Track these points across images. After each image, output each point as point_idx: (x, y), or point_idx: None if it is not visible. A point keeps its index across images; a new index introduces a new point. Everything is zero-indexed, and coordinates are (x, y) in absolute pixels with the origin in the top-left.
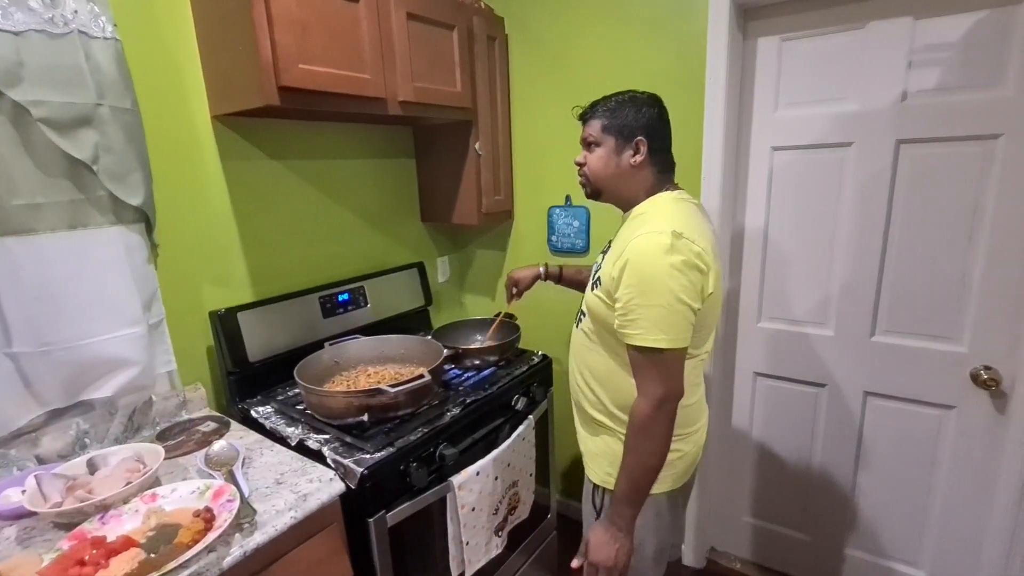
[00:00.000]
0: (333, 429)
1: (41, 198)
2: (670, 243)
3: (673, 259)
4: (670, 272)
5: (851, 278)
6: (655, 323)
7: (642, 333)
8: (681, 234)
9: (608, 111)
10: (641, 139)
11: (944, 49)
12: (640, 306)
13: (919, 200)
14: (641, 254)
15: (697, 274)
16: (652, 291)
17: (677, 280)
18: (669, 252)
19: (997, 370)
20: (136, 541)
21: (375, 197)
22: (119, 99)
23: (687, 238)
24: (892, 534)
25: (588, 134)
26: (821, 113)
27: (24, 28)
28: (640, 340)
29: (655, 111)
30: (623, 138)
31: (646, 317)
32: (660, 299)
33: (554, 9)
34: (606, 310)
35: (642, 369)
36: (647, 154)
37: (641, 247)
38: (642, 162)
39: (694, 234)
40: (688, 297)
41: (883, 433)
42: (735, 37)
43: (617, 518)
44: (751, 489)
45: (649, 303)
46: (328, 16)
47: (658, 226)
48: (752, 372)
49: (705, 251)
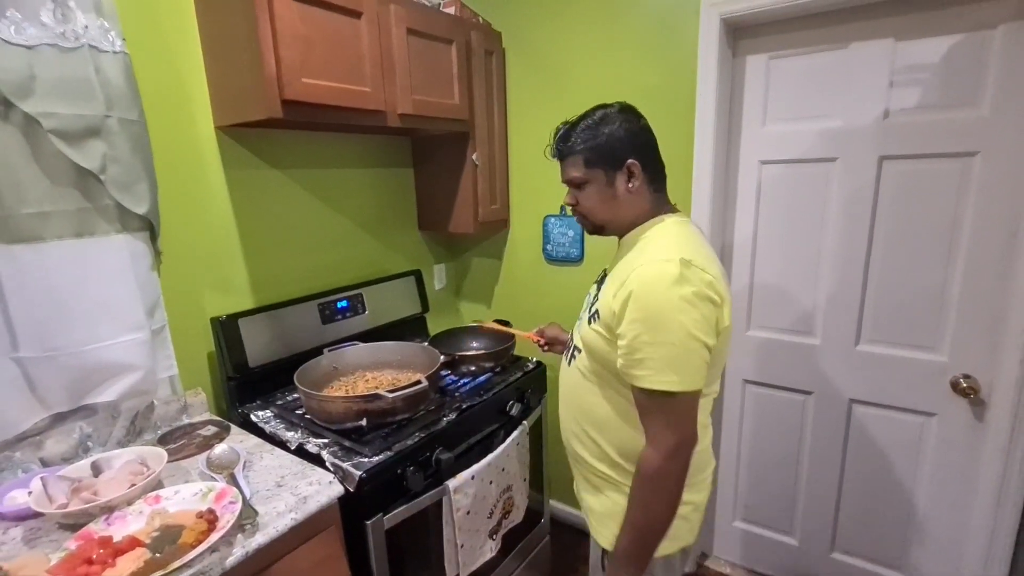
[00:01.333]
0: (332, 433)
1: (49, 206)
2: (679, 272)
3: (684, 291)
4: (681, 305)
5: (836, 289)
6: (666, 363)
7: (651, 375)
8: (690, 262)
9: (586, 140)
10: (633, 161)
11: (924, 70)
12: (648, 344)
13: (901, 214)
14: (647, 285)
15: (710, 306)
16: (661, 327)
17: (689, 314)
18: (679, 283)
19: (976, 379)
20: (141, 541)
21: (374, 206)
22: (127, 111)
23: (697, 266)
24: (877, 538)
25: (571, 176)
26: (807, 129)
27: (37, 43)
28: (649, 382)
29: (637, 123)
30: (612, 166)
31: (655, 356)
32: (671, 336)
33: (551, 25)
34: (607, 346)
35: (651, 415)
36: (643, 175)
37: (647, 277)
38: (639, 186)
39: (704, 261)
40: (702, 333)
41: (868, 440)
42: (725, 55)
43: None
44: (741, 494)
45: (658, 340)
46: (330, 31)
47: (664, 253)
48: (741, 379)
49: (716, 279)
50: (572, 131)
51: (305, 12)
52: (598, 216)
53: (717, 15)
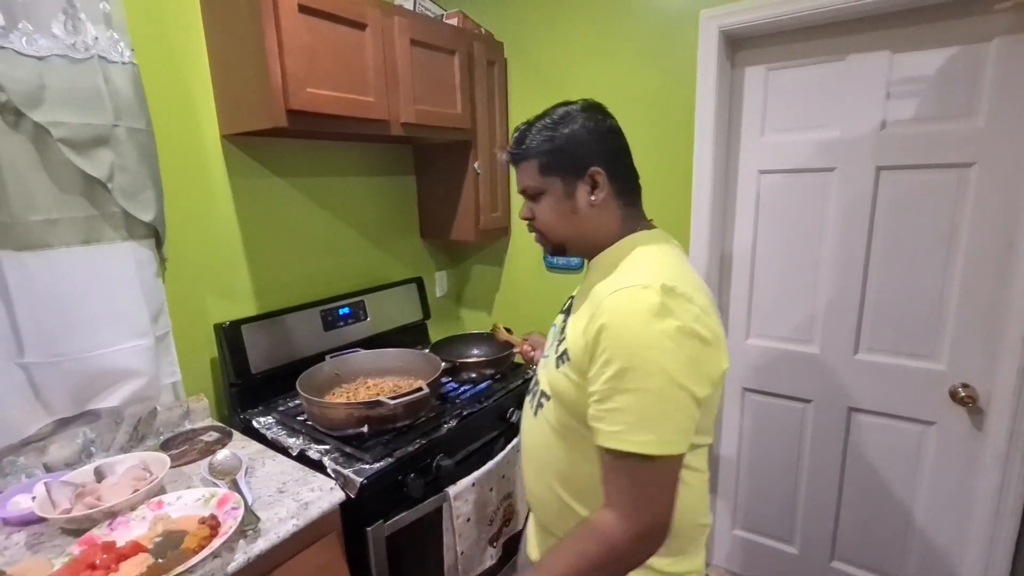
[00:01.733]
0: (333, 440)
1: (57, 214)
2: (660, 302)
3: (666, 325)
4: (662, 343)
5: (835, 297)
6: (640, 416)
7: (621, 431)
8: (674, 289)
9: (541, 143)
10: (596, 169)
11: (920, 82)
12: (620, 391)
13: (898, 223)
14: (622, 316)
15: (699, 345)
16: (637, 370)
17: (672, 355)
18: (660, 315)
19: (974, 387)
20: (144, 546)
21: (376, 214)
22: (135, 120)
23: (682, 294)
24: (877, 546)
25: (525, 185)
26: (805, 139)
27: (47, 53)
28: (617, 441)
29: (603, 124)
30: (571, 174)
31: (628, 408)
32: (648, 382)
33: (552, 36)
34: (580, 395)
35: (617, 482)
36: (608, 186)
37: (620, 308)
38: (605, 199)
39: (690, 289)
40: (689, 379)
41: (867, 448)
42: (724, 66)
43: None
44: (740, 502)
45: (632, 387)
46: (335, 42)
47: (640, 278)
48: (741, 387)
49: (705, 311)
50: (528, 131)
51: (310, 23)
52: (556, 233)
53: (716, 27)
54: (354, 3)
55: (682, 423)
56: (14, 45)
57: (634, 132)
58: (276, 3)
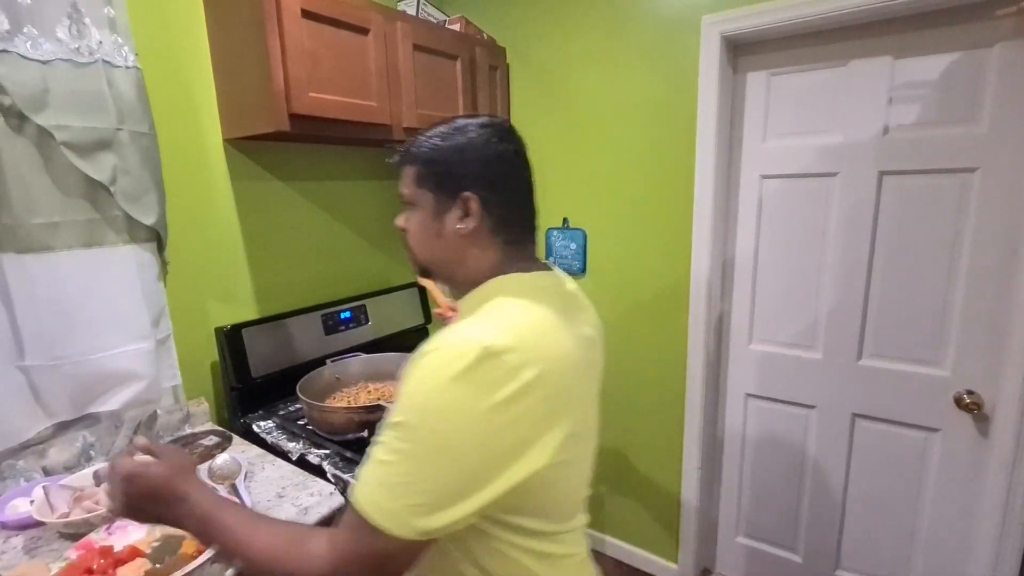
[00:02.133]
0: (333, 444)
1: (59, 217)
2: (473, 362)
3: (469, 377)
4: (451, 393)
5: (838, 303)
6: (380, 473)
7: (359, 483)
8: (501, 353)
9: (424, 151)
10: (470, 195)
11: (922, 87)
12: (377, 441)
13: (902, 229)
14: (421, 374)
15: (511, 409)
16: (412, 420)
17: (462, 411)
18: (462, 375)
19: (979, 394)
20: (142, 551)
21: (378, 218)
22: (138, 124)
23: (515, 353)
24: (881, 554)
25: (401, 191)
26: (807, 144)
27: (52, 57)
28: (353, 491)
29: (496, 147)
30: (445, 192)
31: (374, 457)
32: (415, 433)
33: (554, 41)
34: None
35: (344, 527)
36: (481, 216)
37: (426, 364)
38: (475, 229)
39: (534, 351)
40: (473, 445)
41: (871, 455)
42: (725, 71)
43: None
44: (744, 509)
45: (392, 436)
46: (338, 47)
47: (470, 333)
48: (744, 393)
49: (546, 380)
50: (420, 136)
51: (313, 28)
52: (419, 253)
53: (718, 32)
54: (357, 8)
55: (435, 495)
56: (19, 49)
57: (635, 137)
58: (279, 8)
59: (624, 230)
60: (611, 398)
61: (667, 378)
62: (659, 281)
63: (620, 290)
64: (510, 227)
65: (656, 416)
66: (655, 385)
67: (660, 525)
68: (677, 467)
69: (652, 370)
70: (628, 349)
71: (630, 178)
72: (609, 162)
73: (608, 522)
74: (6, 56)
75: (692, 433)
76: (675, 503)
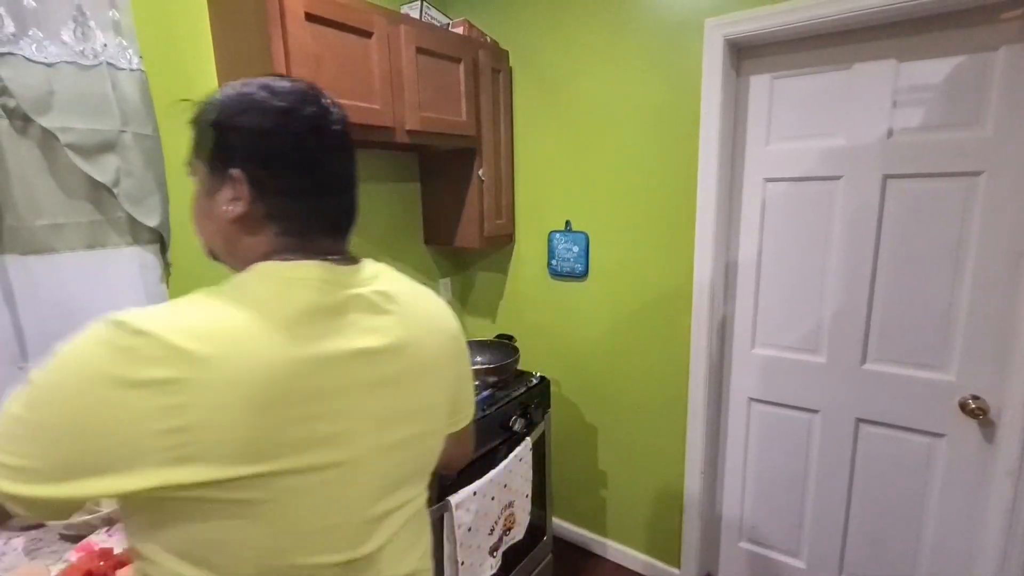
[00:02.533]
0: None
1: (63, 218)
2: (103, 327)
3: (89, 348)
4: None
5: (842, 307)
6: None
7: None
8: (141, 331)
9: (203, 114)
10: (237, 173)
11: (927, 90)
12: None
13: (906, 232)
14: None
15: (124, 388)
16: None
17: (63, 368)
18: (91, 335)
19: (985, 399)
20: None
21: (380, 220)
22: (141, 126)
23: (151, 338)
24: (885, 562)
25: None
26: (811, 147)
27: (56, 60)
28: None
29: (281, 119)
30: (216, 167)
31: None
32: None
33: (557, 44)
34: None
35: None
36: (250, 200)
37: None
38: (243, 215)
39: (205, 341)
40: (49, 414)
41: (876, 460)
42: (729, 74)
43: None
44: (747, 514)
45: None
46: (341, 50)
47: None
48: (747, 397)
49: (195, 361)
50: (216, 94)
51: (317, 31)
52: (197, 233)
53: (721, 36)
54: (360, 11)
55: (24, 449)
56: (24, 51)
57: (638, 140)
58: (283, 11)
59: (627, 233)
60: (614, 401)
61: (670, 382)
62: (662, 284)
63: (622, 293)
64: (290, 219)
65: (659, 420)
66: (657, 389)
67: (662, 529)
68: (680, 471)
69: (654, 374)
70: (630, 353)
71: (633, 181)
72: (612, 165)
73: (610, 526)
74: (11, 59)
75: (695, 437)
76: (677, 507)
